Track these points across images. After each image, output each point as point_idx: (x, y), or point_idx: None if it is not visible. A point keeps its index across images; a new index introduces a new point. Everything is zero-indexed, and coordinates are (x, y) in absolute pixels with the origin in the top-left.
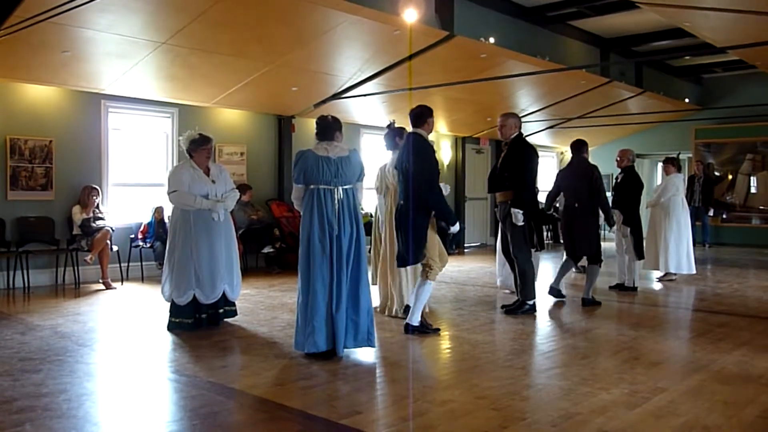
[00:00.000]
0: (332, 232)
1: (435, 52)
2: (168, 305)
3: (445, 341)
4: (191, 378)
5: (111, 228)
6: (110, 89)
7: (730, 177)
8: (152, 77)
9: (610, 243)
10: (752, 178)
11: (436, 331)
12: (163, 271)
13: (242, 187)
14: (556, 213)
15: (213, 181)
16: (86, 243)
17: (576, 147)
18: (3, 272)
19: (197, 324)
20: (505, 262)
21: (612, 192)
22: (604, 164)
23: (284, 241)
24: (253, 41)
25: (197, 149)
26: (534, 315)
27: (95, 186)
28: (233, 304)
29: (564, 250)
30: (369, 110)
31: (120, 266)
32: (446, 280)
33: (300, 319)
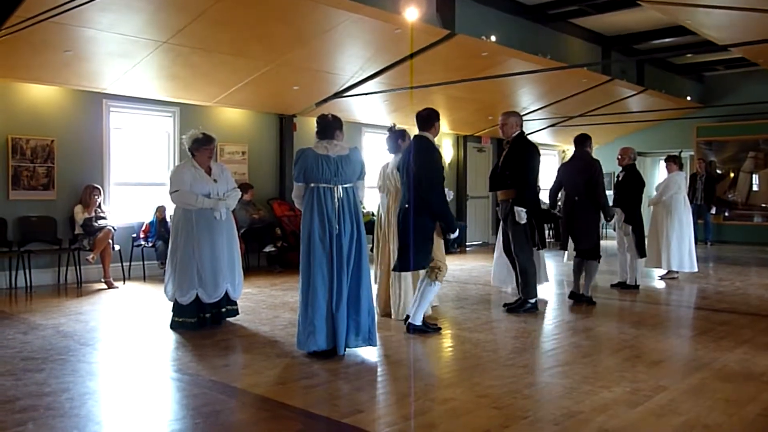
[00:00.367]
0: (332, 231)
1: (436, 51)
2: (170, 304)
3: (447, 340)
4: (193, 377)
5: (113, 227)
6: (112, 88)
7: (732, 175)
8: (153, 76)
9: (612, 241)
10: (754, 176)
11: (438, 330)
12: (166, 271)
13: (244, 186)
14: (560, 213)
15: (215, 180)
16: (88, 242)
17: (579, 141)
18: (5, 272)
19: (201, 323)
20: (504, 262)
21: (613, 190)
22: (606, 162)
23: (286, 240)
24: (254, 40)
25: (200, 148)
26: (535, 313)
27: (97, 185)
28: (235, 304)
29: (562, 249)
30: (370, 109)
31: (122, 265)
32: (448, 279)
33: (301, 318)
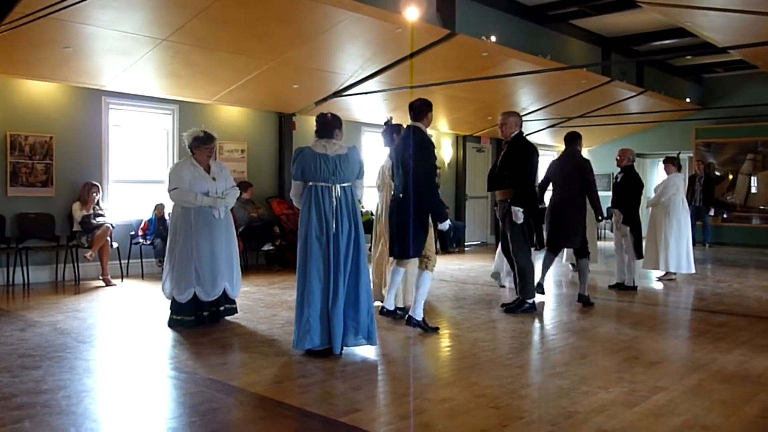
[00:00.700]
0: (329, 230)
1: (436, 51)
2: (168, 302)
3: (445, 339)
4: (191, 375)
5: (111, 225)
6: (111, 86)
7: (731, 177)
8: (153, 74)
9: (609, 242)
10: (753, 178)
11: (436, 330)
12: (164, 269)
13: (243, 185)
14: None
15: (213, 179)
16: (86, 240)
17: (569, 139)
18: (3, 269)
19: (198, 321)
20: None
21: (612, 191)
22: (604, 163)
23: (284, 239)
24: (254, 39)
25: (200, 147)
26: (533, 314)
27: (95, 182)
28: (233, 302)
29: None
30: (370, 108)
31: (120, 263)
32: (446, 279)
33: (297, 316)
